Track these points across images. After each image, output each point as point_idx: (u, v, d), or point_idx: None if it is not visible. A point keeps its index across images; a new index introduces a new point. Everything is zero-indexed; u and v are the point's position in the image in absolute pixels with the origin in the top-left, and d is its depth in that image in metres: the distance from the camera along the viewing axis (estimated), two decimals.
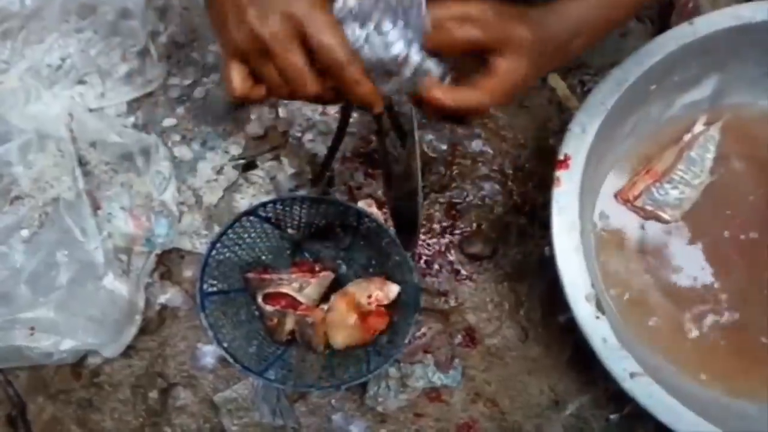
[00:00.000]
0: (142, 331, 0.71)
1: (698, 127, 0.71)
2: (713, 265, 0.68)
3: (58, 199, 0.70)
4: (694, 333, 0.67)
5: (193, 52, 0.78)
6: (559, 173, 0.57)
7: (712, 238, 0.69)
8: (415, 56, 0.43)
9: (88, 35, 0.76)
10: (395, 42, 0.43)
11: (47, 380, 0.70)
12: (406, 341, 0.62)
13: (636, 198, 0.69)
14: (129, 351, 0.70)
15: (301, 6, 0.41)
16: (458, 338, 0.71)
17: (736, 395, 0.64)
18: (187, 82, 0.77)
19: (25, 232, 0.70)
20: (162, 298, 0.71)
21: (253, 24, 0.41)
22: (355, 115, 0.69)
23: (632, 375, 0.54)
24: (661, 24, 0.76)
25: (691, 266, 0.68)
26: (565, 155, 0.57)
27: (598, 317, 0.54)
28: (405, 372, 0.69)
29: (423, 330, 0.71)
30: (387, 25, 0.42)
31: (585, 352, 0.57)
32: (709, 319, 0.67)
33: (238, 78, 0.43)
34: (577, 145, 0.58)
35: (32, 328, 0.65)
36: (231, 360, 0.61)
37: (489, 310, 0.73)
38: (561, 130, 0.61)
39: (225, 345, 0.62)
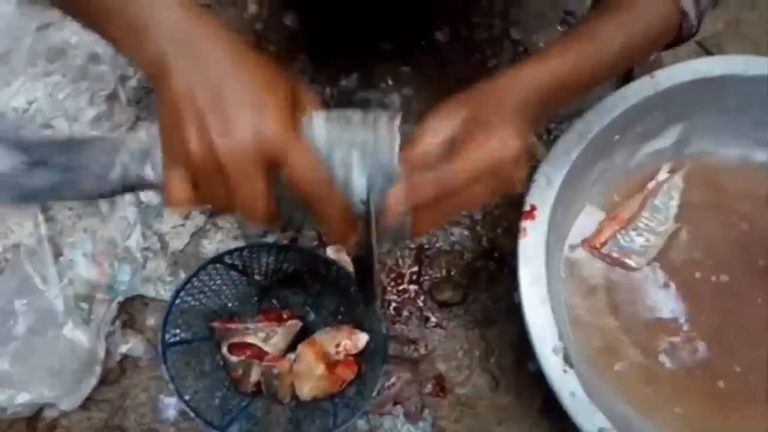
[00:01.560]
0: (102, 382, 0.68)
1: (662, 175, 0.73)
2: (682, 311, 0.69)
3: (19, 245, 0.69)
4: (663, 380, 0.67)
5: None
6: (525, 224, 0.57)
7: (679, 283, 0.70)
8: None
9: (56, 79, 0.75)
10: (358, 185, 0.39)
11: None
12: (375, 393, 0.60)
13: (603, 245, 0.69)
14: (88, 403, 0.68)
15: (274, 127, 0.36)
16: (428, 387, 0.70)
17: None
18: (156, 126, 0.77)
19: None
20: (123, 348, 0.69)
21: (215, 139, 0.35)
22: None
23: (601, 430, 0.53)
24: (625, 77, 0.78)
25: (660, 312, 0.69)
26: (531, 206, 0.58)
27: (565, 371, 0.54)
28: (374, 424, 0.68)
29: (392, 380, 0.69)
30: (353, 159, 0.38)
31: (556, 401, 0.56)
32: (678, 365, 0.67)
33: (180, 189, 0.38)
34: (542, 196, 0.58)
35: None
36: (193, 414, 0.60)
37: (459, 358, 0.72)
38: (529, 179, 0.61)
39: (187, 398, 0.60)
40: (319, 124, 0.39)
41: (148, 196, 0.75)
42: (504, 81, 0.46)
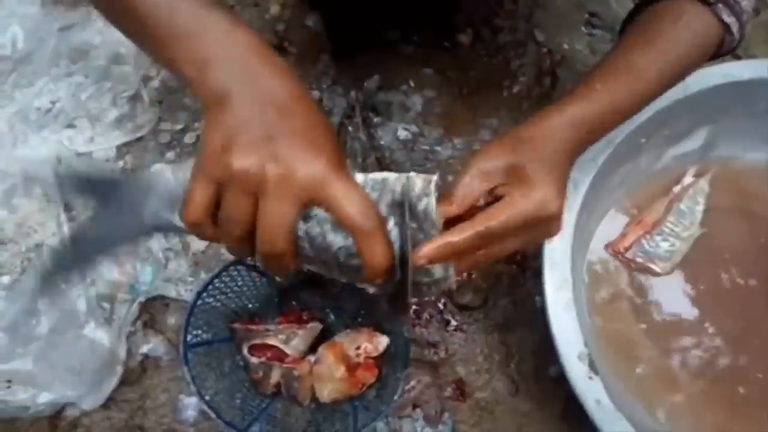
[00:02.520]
0: (123, 382, 0.68)
1: (688, 179, 0.72)
2: (706, 317, 0.68)
3: (42, 245, 0.69)
4: (684, 384, 0.66)
5: (184, 98, 0.78)
6: None
7: (704, 288, 0.69)
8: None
9: (78, 79, 0.76)
10: (395, 241, 0.39)
11: None
12: (396, 397, 0.60)
13: (627, 249, 0.69)
14: (108, 402, 0.68)
15: (327, 165, 0.36)
16: (448, 391, 0.70)
17: None
18: (178, 127, 0.77)
19: (5, 279, 0.68)
20: (144, 348, 0.69)
21: (265, 160, 0.36)
22: None
23: None
24: None
25: (683, 317, 0.68)
26: None
27: (591, 377, 0.53)
28: (393, 427, 0.67)
29: (412, 383, 0.69)
30: (390, 223, 0.39)
31: (577, 406, 0.56)
32: (700, 370, 0.66)
33: (199, 204, 0.37)
34: (569, 201, 0.57)
35: (9, 381, 0.63)
36: (214, 415, 0.60)
37: (479, 362, 0.71)
38: None
39: (207, 399, 0.61)
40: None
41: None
42: (546, 125, 0.46)
